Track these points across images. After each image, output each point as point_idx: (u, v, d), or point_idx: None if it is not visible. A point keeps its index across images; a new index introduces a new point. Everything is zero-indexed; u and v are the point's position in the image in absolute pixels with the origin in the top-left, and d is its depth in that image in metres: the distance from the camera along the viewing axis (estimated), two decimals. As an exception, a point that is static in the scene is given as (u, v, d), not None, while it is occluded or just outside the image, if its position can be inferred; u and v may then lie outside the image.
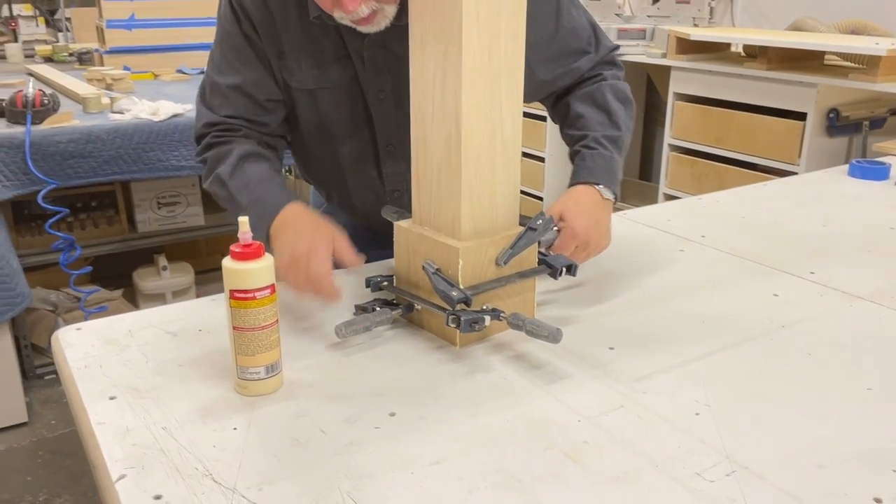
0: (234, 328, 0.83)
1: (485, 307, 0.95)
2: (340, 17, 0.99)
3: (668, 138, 3.16)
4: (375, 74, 1.12)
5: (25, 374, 2.59)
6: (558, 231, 1.04)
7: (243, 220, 0.83)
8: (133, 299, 2.97)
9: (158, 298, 2.93)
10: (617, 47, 1.25)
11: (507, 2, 0.90)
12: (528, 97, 1.18)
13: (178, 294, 2.96)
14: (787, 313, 1.07)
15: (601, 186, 1.09)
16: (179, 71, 3.35)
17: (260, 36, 1.11)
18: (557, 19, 1.15)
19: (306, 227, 1.00)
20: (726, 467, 0.73)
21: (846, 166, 1.82)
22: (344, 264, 0.99)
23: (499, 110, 0.93)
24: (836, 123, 2.61)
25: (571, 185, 1.11)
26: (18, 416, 2.38)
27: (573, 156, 1.16)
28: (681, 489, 0.70)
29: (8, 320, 2.28)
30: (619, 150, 1.15)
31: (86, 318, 2.54)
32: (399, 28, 1.01)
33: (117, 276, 3.04)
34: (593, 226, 1.06)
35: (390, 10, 1.00)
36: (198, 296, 2.95)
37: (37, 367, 2.63)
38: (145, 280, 2.92)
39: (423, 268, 0.95)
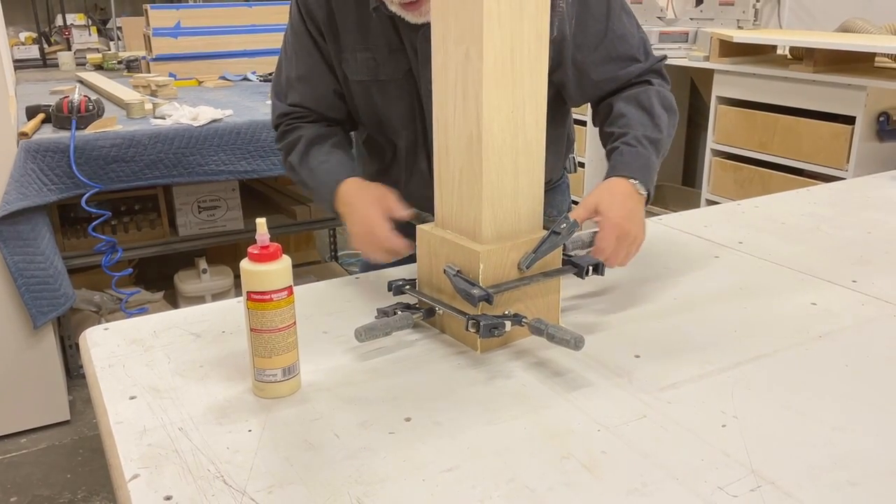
0: (251, 330, 0.83)
1: (507, 312, 0.93)
2: (390, 1, 1.04)
3: (711, 143, 3.10)
4: (427, 68, 1.13)
5: (69, 373, 2.66)
6: (595, 230, 1.03)
7: (261, 223, 0.83)
8: (174, 301, 3.03)
9: (198, 301, 2.97)
10: (664, 58, 1.26)
11: (531, 2, 0.88)
12: (581, 99, 1.24)
13: (218, 296, 3.00)
14: (825, 323, 1.03)
15: (636, 181, 1.07)
16: (223, 78, 3.41)
17: (323, 34, 1.19)
18: (607, 21, 1.17)
19: (358, 203, 1.12)
20: (751, 482, 0.70)
21: (895, 171, 1.75)
22: (399, 219, 1.10)
23: (521, 111, 0.91)
24: (887, 127, 2.52)
25: (606, 178, 1.10)
26: (61, 415, 2.44)
27: (610, 153, 1.14)
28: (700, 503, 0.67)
29: (53, 320, 2.34)
30: (657, 153, 1.13)
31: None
32: None
33: (159, 279, 3.10)
34: (629, 216, 1.03)
35: None
36: (237, 299, 2.98)
37: (80, 366, 2.68)
38: (186, 283, 2.97)
39: (444, 271, 0.94)
